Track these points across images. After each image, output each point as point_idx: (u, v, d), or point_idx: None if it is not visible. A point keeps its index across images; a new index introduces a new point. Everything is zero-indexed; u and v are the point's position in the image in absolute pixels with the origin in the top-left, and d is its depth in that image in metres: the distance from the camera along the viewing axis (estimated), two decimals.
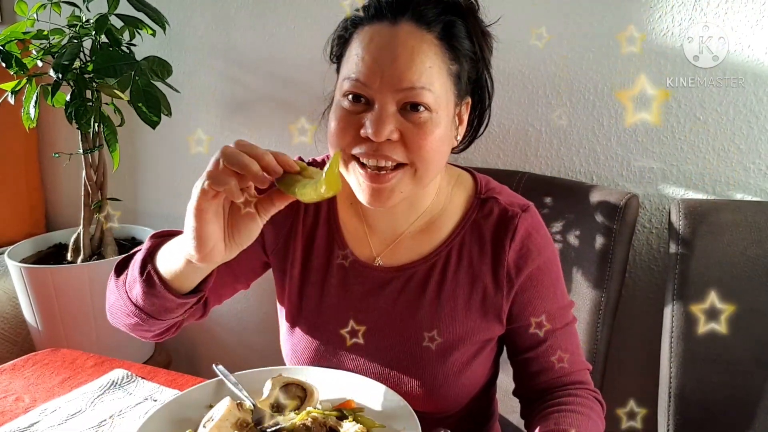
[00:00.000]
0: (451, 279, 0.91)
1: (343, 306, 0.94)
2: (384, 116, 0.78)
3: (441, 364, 0.90)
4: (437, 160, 0.84)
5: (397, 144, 0.80)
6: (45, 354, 1.15)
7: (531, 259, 0.90)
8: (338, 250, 0.95)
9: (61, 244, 1.98)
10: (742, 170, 1.31)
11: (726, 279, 1.19)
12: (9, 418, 0.94)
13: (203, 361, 2.15)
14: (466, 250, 0.91)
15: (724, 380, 1.17)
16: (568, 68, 1.42)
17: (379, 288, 0.93)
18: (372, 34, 0.81)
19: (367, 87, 0.79)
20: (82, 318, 1.76)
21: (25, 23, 1.65)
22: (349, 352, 0.94)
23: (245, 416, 0.80)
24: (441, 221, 0.93)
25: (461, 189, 0.96)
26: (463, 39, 0.83)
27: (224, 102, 1.91)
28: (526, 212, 0.91)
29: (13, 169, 2.19)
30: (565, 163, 1.47)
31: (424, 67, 0.79)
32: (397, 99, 0.79)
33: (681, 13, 1.30)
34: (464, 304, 0.91)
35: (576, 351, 0.94)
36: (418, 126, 0.80)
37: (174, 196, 2.07)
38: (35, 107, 1.67)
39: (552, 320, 0.91)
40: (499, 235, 0.90)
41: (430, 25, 0.80)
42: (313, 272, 0.96)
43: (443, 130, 0.82)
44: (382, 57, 0.78)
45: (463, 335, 0.91)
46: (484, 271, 0.90)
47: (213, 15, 1.85)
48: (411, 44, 0.79)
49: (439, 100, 0.80)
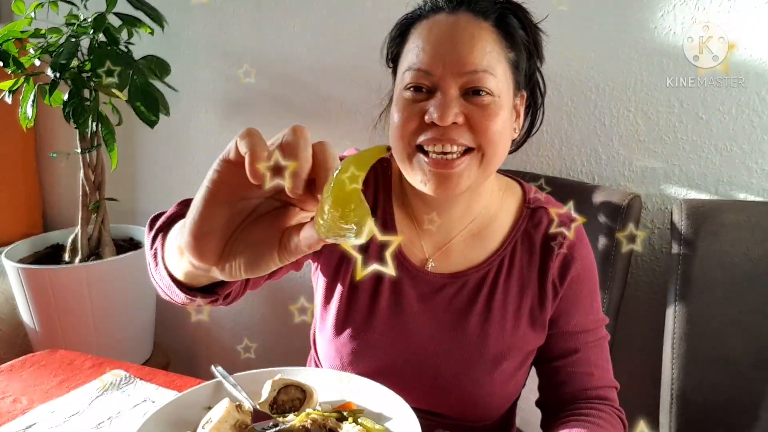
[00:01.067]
0: (502, 288, 0.91)
1: (394, 311, 0.93)
2: (448, 100, 0.79)
3: (490, 374, 0.89)
4: (502, 146, 0.84)
5: (462, 127, 0.80)
6: (42, 355, 1.14)
7: (573, 267, 0.91)
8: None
9: (58, 244, 1.97)
10: (745, 170, 1.31)
11: (728, 279, 1.18)
12: (6, 420, 0.93)
13: (202, 363, 2.14)
14: (517, 259, 0.92)
15: (727, 381, 1.17)
16: (570, 68, 1.41)
17: (432, 294, 0.92)
18: (431, 25, 0.82)
19: (429, 75, 0.80)
20: (80, 319, 1.75)
21: (23, 22, 1.64)
22: (396, 357, 0.92)
23: (244, 418, 0.79)
24: (493, 228, 0.94)
25: (511, 196, 0.96)
26: (517, 29, 0.84)
27: (223, 101, 1.90)
28: (574, 223, 0.93)
29: (10, 169, 2.18)
30: (566, 163, 1.47)
31: (484, 51, 0.80)
32: (461, 83, 0.80)
33: (682, 13, 1.29)
34: (514, 314, 0.91)
35: (605, 366, 0.94)
36: (483, 108, 0.80)
37: (172, 196, 2.05)
38: (33, 106, 1.66)
39: (586, 331, 0.92)
40: (547, 245, 0.91)
41: (486, 14, 0.82)
42: (365, 278, 0.95)
43: (506, 116, 0.83)
44: (443, 44, 0.80)
45: (512, 345, 0.90)
46: (532, 280, 0.91)
47: (211, 14, 1.85)
48: (470, 30, 0.80)
49: (500, 85, 0.81)
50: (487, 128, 0.80)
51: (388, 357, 0.92)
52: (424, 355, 0.91)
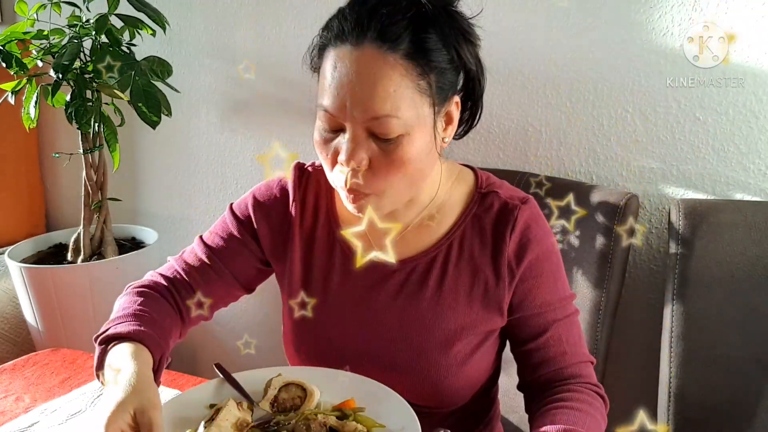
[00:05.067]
0: (452, 271, 0.92)
1: (347, 302, 0.95)
2: (352, 145, 0.80)
3: (444, 355, 0.90)
4: (414, 178, 0.84)
5: (367, 172, 0.81)
6: (45, 354, 1.15)
7: (530, 249, 0.90)
8: (338, 247, 0.96)
9: (61, 244, 1.98)
10: (742, 170, 1.31)
11: (726, 279, 1.19)
12: (9, 418, 0.94)
13: (203, 361, 2.15)
14: (467, 243, 0.92)
15: (724, 381, 1.17)
16: (568, 68, 1.42)
17: (381, 281, 0.94)
18: (335, 59, 0.79)
19: (335, 117, 0.80)
20: (83, 318, 1.76)
21: (26, 23, 1.65)
22: (353, 346, 0.94)
23: (245, 416, 0.80)
24: (441, 215, 0.94)
25: (462, 184, 0.96)
26: (435, 51, 0.79)
27: (224, 102, 1.91)
28: (526, 204, 0.92)
29: (13, 170, 2.19)
30: (564, 163, 1.47)
31: (387, 93, 0.77)
32: (365, 127, 0.79)
33: (681, 13, 1.30)
34: (466, 296, 0.91)
35: (578, 342, 0.93)
36: (388, 154, 0.80)
37: (174, 196, 2.07)
38: (35, 107, 1.67)
39: (553, 311, 0.92)
40: (499, 228, 0.91)
41: (395, 42, 0.76)
42: (315, 270, 0.97)
43: (420, 147, 0.82)
44: (344, 86, 0.78)
45: (464, 326, 0.91)
46: (485, 263, 0.91)
47: (213, 15, 1.85)
48: (373, 70, 0.77)
49: (409, 122, 0.79)
50: (389, 174, 0.81)
51: (346, 349, 0.94)
52: (380, 343, 0.92)
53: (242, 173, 1.93)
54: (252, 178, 1.91)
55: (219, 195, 1.98)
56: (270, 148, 1.84)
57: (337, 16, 0.81)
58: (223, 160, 1.95)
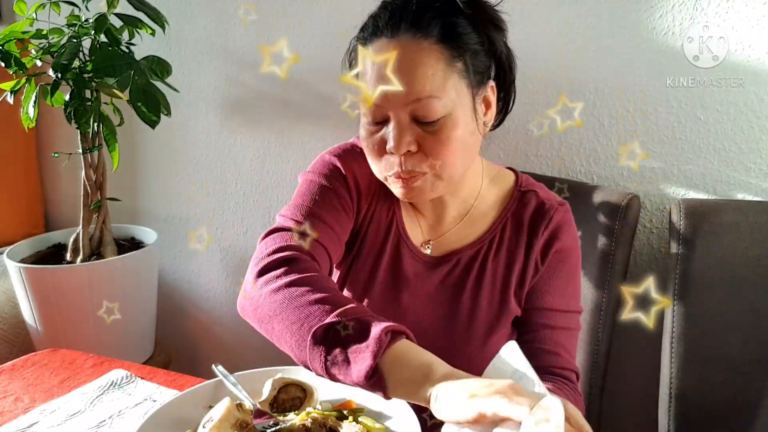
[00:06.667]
0: (491, 265, 0.96)
1: (391, 287, 0.98)
2: (399, 131, 0.83)
3: (484, 347, 0.93)
4: (463, 158, 0.88)
5: (417, 155, 0.84)
6: (44, 354, 1.14)
7: (555, 245, 0.94)
8: (393, 231, 0.99)
9: (60, 244, 1.97)
10: (743, 170, 1.31)
11: (727, 279, 1.18)
12: (8, 419, 0.94)
13: (203, 362, 2.15)
14: (506, 238, 0.96)
15: (725, 381, 1.17)
16: (569, 68, 1.42)
17: (427, 271, 0.97)
18: (373, 52, 0.84)
19: (379, 107, 0.83)
20: (82, 318, 1.76)
21: (24, 23, 1.64)
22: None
23: (245, 417, 0.80)
24: (484, 209, 0.98)
25: (502, 182, 1.01)
26: (466, 34, 0.84)
27: (224, 102, 1.91)
28: (562, 207, 0.97)
29: (12, 169, 2.19)
30: (565, 163, 1.47)
31: (426, 76, 0.81)
32: (409, 111, 0.82)
33: (681, 13, 1.30)
34: (501, 289, 0.95)
35: (572, 353, 0.96)
36: (434, 134, 0.83)
37: (174, 196, 2.06)
38: (34, 107, 1.67)
39: (556, 312, 0.94)
40: (535, 223, 0.95)
41: (428, 29, 0.82)
42: (368, 244, 0.99)
43: (463, 127, 0.85)
44: (385, 75, 0.81)
45: (500, 316, 0.94)
46: (519, 256, 0.95)
47: (213, 15, 1.85)
48: (410, 56, 0.81)
49: (450, 103, 0.83)
50: (440, 153, 0.84)
51: None
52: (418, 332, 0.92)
53: (242, 173, 1.92)
54: (252, 178, 1.90)
55: (218, 195, 1.97)
56: (268, 147, 1.84)
57: (372, 17, 0.87)
58: (222, 160, 1.95)
